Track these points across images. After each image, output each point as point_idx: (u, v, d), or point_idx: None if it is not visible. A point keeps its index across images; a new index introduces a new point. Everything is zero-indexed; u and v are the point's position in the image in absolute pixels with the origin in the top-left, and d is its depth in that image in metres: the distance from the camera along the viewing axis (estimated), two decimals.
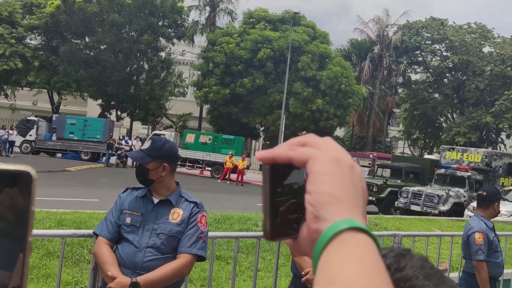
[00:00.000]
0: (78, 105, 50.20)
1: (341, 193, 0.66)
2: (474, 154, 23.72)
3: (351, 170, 0.68)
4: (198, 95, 41.65)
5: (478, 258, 5.48)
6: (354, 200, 0.66)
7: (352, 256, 0.62)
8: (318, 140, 0.71)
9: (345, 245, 0.63)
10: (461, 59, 41.71)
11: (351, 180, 0.67)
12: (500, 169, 23.78)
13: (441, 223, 13.07)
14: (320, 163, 0.67)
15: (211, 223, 9.36)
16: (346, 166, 0.68)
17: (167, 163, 3.39)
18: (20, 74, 41.63)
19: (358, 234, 0.64)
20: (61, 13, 39.74)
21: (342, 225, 0.64)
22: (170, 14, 41.38)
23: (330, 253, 0.63)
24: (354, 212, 0.65)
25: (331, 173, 0.67)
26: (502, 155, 24.37)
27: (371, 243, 0.64)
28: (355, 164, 0.69)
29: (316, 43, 40.21)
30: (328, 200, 0.65)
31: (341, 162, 0.68)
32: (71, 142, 36.55)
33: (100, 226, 3.40)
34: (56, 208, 9.77)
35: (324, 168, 0.67)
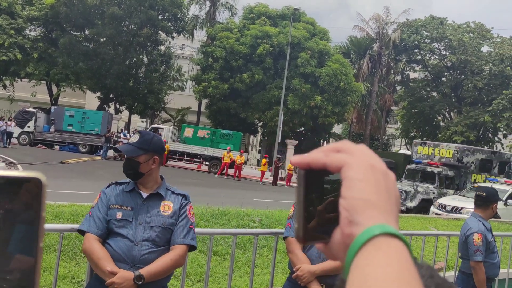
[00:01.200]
0: (76, 97, 50.15)
1: (375, 199, 0.67)
2: (445, 149, 23.17)
3: (385, 177, 0.70)
4: (197, 89, 41.64)
5: (476, 259, 5.51)
6: (388, 206, 0.68)
7: (385, 261, 0.63)
8: (353, 146, 0.72)
9: (378, 250, 0.64)
10: (460, 58, 41.75)
11: (385, 186, 0.69)
12: (472, 165, 23.23)
13: (437, 222, 13.12)
14: (355, 169, 0.69)
15: (209, 218, 9.40)
16: (380, 173, 0.69)
17: (157, 156, 3.43)
18: (19, 65, 41.56)
19: (391, 239, 0.65)
20: (61, 5, 39.66)
21: (376, 230, 0.65)
22: (170, 8, 41.31)
23: (363, 257, 0.64)
24: (387, 218, 0.66)
25: (366, 179, 0.68)
26: (475, 151, 23.80)
27: (404, 249, 0.65)
28: (388, 171, 0.71)
29: (315, 39, 40.19)
30: (362, 206, 0.67)
31: (375, 168, 0.69)
32: (69, 134, 36.53)
33: (86, 223, 3.36)
34: (54, 201, 9.78)
35: (358, 174, 0.68)
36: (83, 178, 21.06)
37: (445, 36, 42.93)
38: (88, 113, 38.06)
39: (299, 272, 3.97)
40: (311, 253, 4.12)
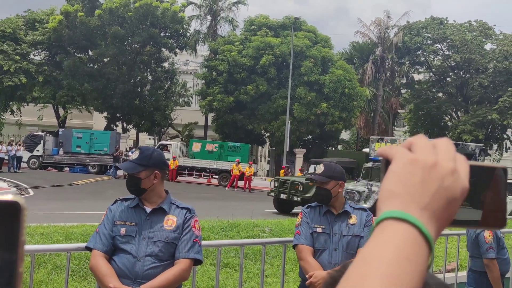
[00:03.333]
0: (84, 118, 50.46)
1: (400, 190, 0.70)
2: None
3: (427, 171, 0.70)
4: (203, 103, 41.78)
5: (489, 256, 5.45)
6: (416, 197, 0.69)
7: (383, 242, 0.66)
8: (415, 141, 0.75)
9: (381, 232, 0.67)
10: (463, 57, 41.64)
11: (422, 179, 0.70)
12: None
13: None
14: (395, 163, 0.72)
15: (219, 231, 9.41)
16: (421, 167, 0.70)
17: (158, 171, 3.45)
18: (25, 89, 41.91)
19: (399, 223, 0.67)
20: (63, 28, 40.03)
21: (385, 215, 0.69)
22: (172, 24, 41.58)
23: (370, 239, 0.68)
24: (407, 207, 0.68)
25: (399, 172, 0.71)
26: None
27: (411, 232, 0.66)
28: (439, 165, 0.71)
29: (318, 47, 40.29)
30: (387, 195, 0.71)
31: (416, 162, 0.71)
32: (78, 156, 36.72)
33: (92, 240, 3.41)
34: (65, 222, 9.84)
35: (395, 167, 0.72)
36: (94, 198, 21.14)
37: (446, 36, 42.88)
38: (96, 134, 38.27)
39: (313, 279, 3.97)
40: (322, 259, 4.14)
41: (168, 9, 41.07)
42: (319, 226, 4.24)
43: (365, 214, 4.31)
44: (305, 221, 4.29)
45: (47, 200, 19.78)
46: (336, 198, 4.26)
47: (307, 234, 4.23)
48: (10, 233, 0.60)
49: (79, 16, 39.58)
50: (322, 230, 4.22)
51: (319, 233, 4.21)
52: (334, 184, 4.23)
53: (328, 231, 4.21)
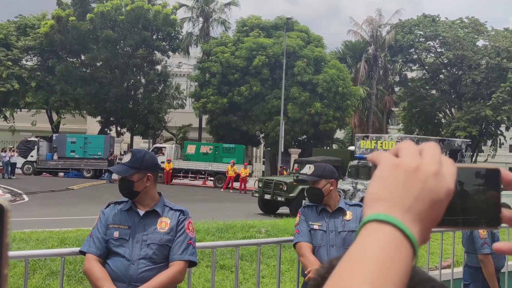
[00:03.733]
0: (77, 123, 50.30)
1: (385, 193, 0.72)
2: (388, 141, 21.59)
3: (410, 174, 0.72)
4: (197, 106, 41.73)
5: (484, 252, 5.48)
6: (399, 200, 0.71)
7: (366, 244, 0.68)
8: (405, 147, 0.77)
9: (365, 234, 0.70)
10: (456, 54, 41.76)
11: (405, 182, 0.72)
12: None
13: None
14: (380, 167, 0.75)
15: (214, 232, 9.39)
16: (403, 170, 0.72)
17: (150, 173, 3.43)
18: (17, 95, 41.78)
19: (382, 225, 0.69)
20: (55, 33, 39.93)
21: (369, 218, 0.71)
22: (164, 27, 41.53)
23: (355, 241, 0.70)
24: (391, 209, 0.70)
25: (383, 176, 0.74)
26: (419, 140, 21.70)
27: (392, 234, 0.68)
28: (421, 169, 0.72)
29: (310, 47, 40.31)
30: (371, 199, 0.73)
31: (399, 166, 0.73)
32: (72, 161, 36.65)
33: (86, 244, 3.41)
34: (60, 227, 9.79)
35: (380, 172, 0.74)
36: (89, 203, 21.07)
37: (438, 33, 43.01)
38: (90, 138, 38.23)
39: (311, 274, 4.01)
40: (320, 256, 4.25)
41: (160, 12, 41.01)
42: (316, 224, 4.37)
43: (360, 209, 4.43)
44: (303, 220, 4.43)
45: (42, 206, 19.72)
46: (329, 196, 4.39)
47: (305, 232, 4.36)
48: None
49: (70, 20, 39.47)
50: (319, 227, 4.35)
51: (316, 230, 4.34)
52: (325, 182, 4.37)
53: (324, 228, 4.33)
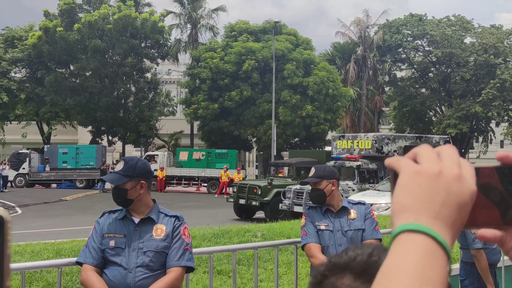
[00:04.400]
0: (68, 133, 50.10)
1: (410, 202, 0.71)
2: (364, 140, 21.02)
3: (433, 180, 0.72)
4: (188, 112, 41.69)
5: (476, 246, 5.47)
6: (426, 207, 0.70)
7: (401, 255, 0.68)
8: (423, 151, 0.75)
9: (398, 245, 0.69)
10: (444, 52, 41.97)
11: (429, 189, 0.71)
12: (395, 154, 21.37)
13: None
14: (402, 175, 0.74)
15: (210, 238, 9.37)
16: (426, 177, 0.72)
17: (144, 181, 3.42)
18: (7, 108, 41.57)
19: (413, 235, 0.69)
20: (43, 44, 39.79)
21: (400, 229, 0.70)
22: (152, 34, 41.49)
23: (389, 254, 0.70)
24: (421, 218, 0.70)
25: (406, 185, 0.72)
26: (396, 138, 21.52)
27: (425, 243, 0.68)
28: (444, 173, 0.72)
29: (299, 50, 40.39)
30: (398, 209, 0.72)
31: (421, 173, 0.72)
32: (65, 171, 36.50)
33: (82, 254, 3.39)
34: (54, 239, 9.74)
35: (402, 180, 0.73)
36: (83, 213, 20.99)
37: (426, 32, 43.23)
38: (82, 148, 38.10)
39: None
40: (329, 255, 4.21)
41: (148, 20, 40.98)
42: (322, 224, 4.40)
43: (363, 207, 4.49)
44: (309, 221, 4.45)
45: (36, 218, 19.62)
46: (331, 197, 4.43)
47: (313, 233, 4.38)
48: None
49: (58, 31, 39.33)
50: (325, 227, 4.38)
51: (323, 230, 4.38)
52: (326, 183, 4.40)
53: (331, 228, 4.37)
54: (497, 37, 41.62)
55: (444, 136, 23.99)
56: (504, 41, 42.32)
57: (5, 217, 0.60)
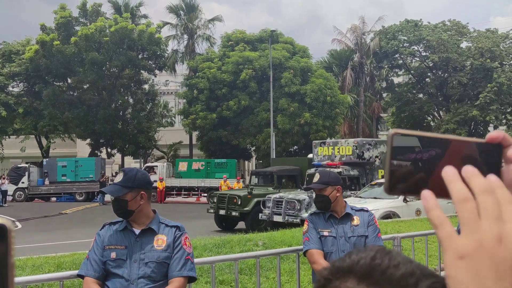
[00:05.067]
0: (67, 147, 50.11)
1: (474, 282, 0.62)
2: (344, 146, 20.39)
3: (496, 250, 0.63)
4: (186, 122, 41.71)
5: None
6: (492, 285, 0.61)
7: None
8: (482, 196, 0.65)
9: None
10: (441, 57, 42.08)
11: (493, 268, 0.62)
12: (377, 160, 20.11)
13: None
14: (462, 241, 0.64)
15: (212, 248, 9.34)
16: (488, 250, 0.63)
17: (144, 191, 3.42)
18: (5, 122, 41.60)
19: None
20: (40, 57, 39.85)
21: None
22: (149, 46, 41.58)
23: None
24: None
25: (467, 257, 0.63)
26: (377, 143, 20.74)
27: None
28: (504, 241, 0.62)
29: (296, 58, 40.48)
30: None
31: (481, 246, 0.63)
32: (64, 185, 36.46)
33: (84, 267, 3.38)
34: (55, 252, 9.70)
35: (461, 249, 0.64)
36: (83, 226, 20.93)
37: (422, 37, 43.37)
38: (81, 161, 38.06)
39: None
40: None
41: (144, 31, 41.09)
42: (325, 230, 4.40)
43: (367, 214, 4.50)
44: (312, 227, 4.45)
45: (36, 232, 19.56)
46: (336, 203, 4.45)
47: (315, 239, 4.38)
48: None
49: (55, 44, 39.41)
50: (328, 233, 4.39)
51: (326, 236, 4.38)
52: (331, 189, 4.43)
53: (334, 234, 4.37)
54: (493, 41, 41.74)
55: None
56: (500, 45, 42.39)
57: (8, 226, 0.61)
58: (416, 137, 0.81)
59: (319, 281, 0.89)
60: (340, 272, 0.86)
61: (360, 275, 0.83)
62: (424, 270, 0.83)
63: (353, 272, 0.84)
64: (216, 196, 20.46)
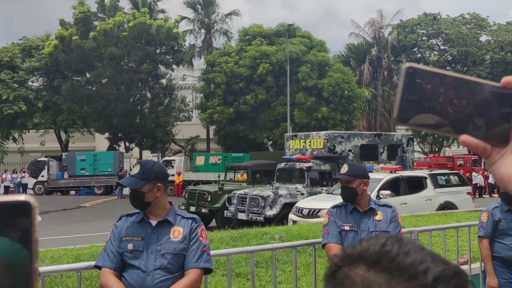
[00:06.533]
0: (86, 141, 50.53)
1: None
2: (316, 140, 19.27)
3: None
4: (203, 117, 41.81)
5: (478, 234, 5.71)
6: None
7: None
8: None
9: None
10: (460, 50, 41.68)
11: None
12: (350, 154, 19.14)
13: (459, 216, 12.99)
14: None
15: (228, 241, 9.37)
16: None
17: (160, 183, 3.45)
18: (25, 117, 42.06)
19: None
20: (59, 52, 40.20)
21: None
22: (167, 41, 41.73)
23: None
24: None
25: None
26: (350, 136, 19.70)
27: None
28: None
29: (313, 52, 40.32)
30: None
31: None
32: (83, 178, 36.81)
33: (101, 258, 3.42)
34: (74, 245, 9.81)
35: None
36: (102, 219, 21.12)
37: (441, 31, 42.96)
38: (99, 155, 38.39)
39: None
40: None
41: (162, 26, 41.24)
42: (346, 224, 4.36)
43: (390, 210, 4.44)
44: (332, 221, 4.41)
45: (55, 225, 19.79)
46: (362, 196, 4.40)
47: (335, 233, 4.34)
48: (23, 231, 0.63)
49: (74, 39, 39.74)
50: (349, 228, 4.34)
51: (347, 231, 4.34)
52: (359, 182, 4.37)
53: (355, 229, 4.33)
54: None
55: (407, 134, 22.30)
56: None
57: (32, 203, 0.64)
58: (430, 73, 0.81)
59: (330, 267, 0.90)
60: (350, 259, 0.86)
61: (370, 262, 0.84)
62: (435, 257, 0.83)
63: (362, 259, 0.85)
64: (188, 192, 19.77)
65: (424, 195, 15.41)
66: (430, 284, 0.78)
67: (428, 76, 0.83)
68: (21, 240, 0.63)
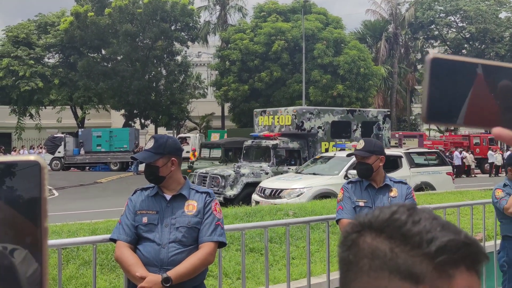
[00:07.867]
0: (102, 117, 50.82)
1: None
2: (284, 116, 18.27)
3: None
4: (218, 94, 41.80)
5: (502, 204, 5.65)
6: None
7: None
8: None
9: None
10: (478, 27, 41.08)
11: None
12: (320, 131, 18.22)
13: (474, 194, 12.94)
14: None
15: (242, 217, 9.44)
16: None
17: (174, 157, 3.47)
18: (42, 93, 42.35)
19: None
20: (75, 29, 40.27)
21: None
22: (181, 17, 41.57)
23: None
24: None
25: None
26: (321, 112, 18.68)
27: None
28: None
29: (329, 29, 39.96)
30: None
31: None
32: (99, 154, 37.14)
33: (116, 231, 3.47)
34: (90, 219, 9.94)
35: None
36: (118, 195, 21.32)
37: (459, 8, 42.31)
38: (115, 131, 38.64)
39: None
40: None
41: (177, 3, 41.06)
42: (361, 200, 4.36)
43: (405, 187, 4.44)
44: (347, 196, 4.41)
45: (72, 200, 20.06)
46: (377, 173, 4.39)
47: (349, 209, 4.35)
48: (32, 191, 0.64)
49: (89, 16, 39.76)
50: (364, 204, 4.34)
51: (362, 207, 4.33)
52: (375, 158, 4.36)
53: (370, 205, 4.31)
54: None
55: (383, 110, 21.27)
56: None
57: (42, 163, 0.66)
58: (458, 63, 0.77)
59: (342, 234, 0.91)
60: (360, 226, 0.87)
61: (378, 230, 0.84)
62: (447, 227, 0.83)
63: (371, 227, 0.85)
64: None
65: (399, 175, 13.66)
66: (433, 253, 0.77)
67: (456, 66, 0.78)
68: (30, 199, 0.64)
